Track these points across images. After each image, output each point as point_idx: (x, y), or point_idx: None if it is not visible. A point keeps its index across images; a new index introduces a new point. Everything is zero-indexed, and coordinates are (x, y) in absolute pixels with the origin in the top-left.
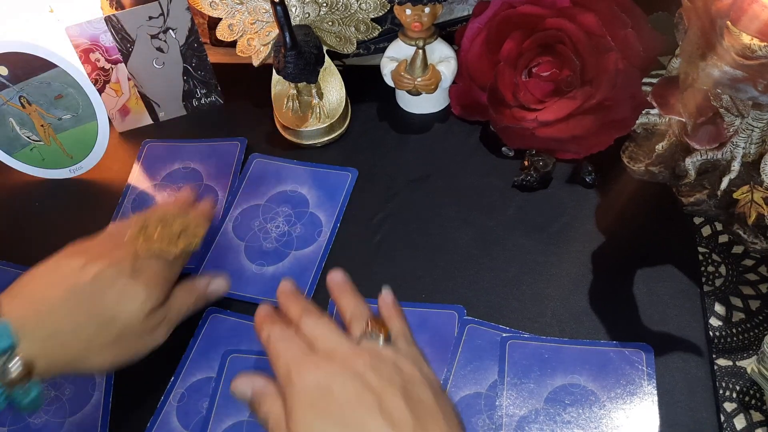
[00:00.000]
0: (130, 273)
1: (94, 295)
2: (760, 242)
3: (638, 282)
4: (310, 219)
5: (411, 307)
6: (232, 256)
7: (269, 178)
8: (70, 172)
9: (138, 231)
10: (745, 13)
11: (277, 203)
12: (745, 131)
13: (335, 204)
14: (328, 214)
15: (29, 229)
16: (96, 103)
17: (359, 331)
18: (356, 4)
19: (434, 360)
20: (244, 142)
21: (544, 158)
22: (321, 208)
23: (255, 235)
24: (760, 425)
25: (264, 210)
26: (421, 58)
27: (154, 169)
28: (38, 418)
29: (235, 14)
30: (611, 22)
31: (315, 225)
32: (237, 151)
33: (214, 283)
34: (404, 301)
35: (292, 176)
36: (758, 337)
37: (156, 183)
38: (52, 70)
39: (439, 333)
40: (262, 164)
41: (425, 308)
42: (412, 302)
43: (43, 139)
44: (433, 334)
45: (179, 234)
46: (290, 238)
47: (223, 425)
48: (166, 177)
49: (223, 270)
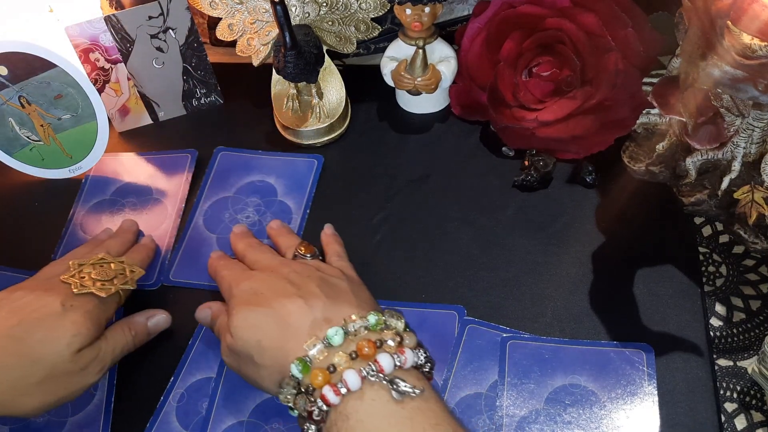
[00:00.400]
0: (59, 312)
1: (20, 338)
2: (760, 242)
3: (638, 282)
4: (280, 207)
5: (410, 307)
6: (205, 249)
7: (236, 170)
8: (69, 172)
9: (72, 274)
10: (745, 13)
11: (246, 194)
12: (745, 131)
13: (303, 191)
14: (297, 201)
15: (29, 230)
16: (96, 102)
17: (291, 253)
18: (356, 4)
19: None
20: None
21: (545, 158)
22: (289, 196)
23: (226, 226)
24: (760, 425)
25: (233, 201)
26: (421, 58)
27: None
28: (40, 417)
29: (234, 14)
30: (611, 21)
31: (285, 213)
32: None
33: (153, 319)
34: (404, 301)
35: (258, 167)
36: (759, 338)
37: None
38: (52, 70)
39: (439, 333)
40: (228, 157)
41: (425, 308)
42: (412, 302)
43: (43, 139)
44: (433, 334)
45: (114, 276)
46: (261, 227)
47: (223, 425)
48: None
49: (196, 263)
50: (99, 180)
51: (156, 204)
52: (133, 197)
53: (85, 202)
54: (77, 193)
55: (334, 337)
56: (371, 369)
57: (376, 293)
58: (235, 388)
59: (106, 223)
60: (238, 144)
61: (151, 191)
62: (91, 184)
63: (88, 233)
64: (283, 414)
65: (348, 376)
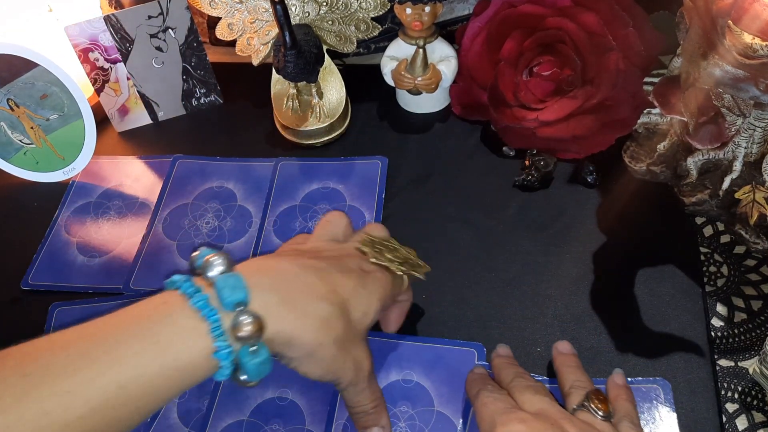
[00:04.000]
0: (360, 276)
1: (327, 282)
2: (762, 242)
3: (639, 282)
4: (240, 212)
5: (427, 342)
6: (165, 256)
7: (194, 177)
8: (63, 174)
9: (365, 243)
10: (746, 13)
11: (205, 200)
12: (746, 131)
13: (263, 195)
14: (257, 205)
15: (12, 231)
16: (79, 99)
17: (576, 402)
18: (356, 3)
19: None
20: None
21: (545, 158)
22: (249, 200)
23: (186, 233)
24: (762, 426)
25: (192, 208)
26: (422, 58)
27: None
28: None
29: (234, 13)
30: (612, 21)
31: (245, 217)
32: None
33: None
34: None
35: (217, 172)
36: (760, 338)
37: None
38: (35, 70)
39: (458, 372)
40: (186, 164)
41: (442, 344)
42: (429, 337)
43: (35, 141)
44: (452, 372)
45: (405, 261)
46: (221, 232)
47: (223, 423)
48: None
49: (157, 269)
50: (86, 183)
51: (142, 208)
52: (118, 200)
53: (71, 204)
54: (63, 195)
55: None
56: None
57: None
58: (235, 387)
59: (91, 226)
60: (237, 144)
61: (137, 195)
62: (78, 186)
63: (71, 235)
64: (283, 415)
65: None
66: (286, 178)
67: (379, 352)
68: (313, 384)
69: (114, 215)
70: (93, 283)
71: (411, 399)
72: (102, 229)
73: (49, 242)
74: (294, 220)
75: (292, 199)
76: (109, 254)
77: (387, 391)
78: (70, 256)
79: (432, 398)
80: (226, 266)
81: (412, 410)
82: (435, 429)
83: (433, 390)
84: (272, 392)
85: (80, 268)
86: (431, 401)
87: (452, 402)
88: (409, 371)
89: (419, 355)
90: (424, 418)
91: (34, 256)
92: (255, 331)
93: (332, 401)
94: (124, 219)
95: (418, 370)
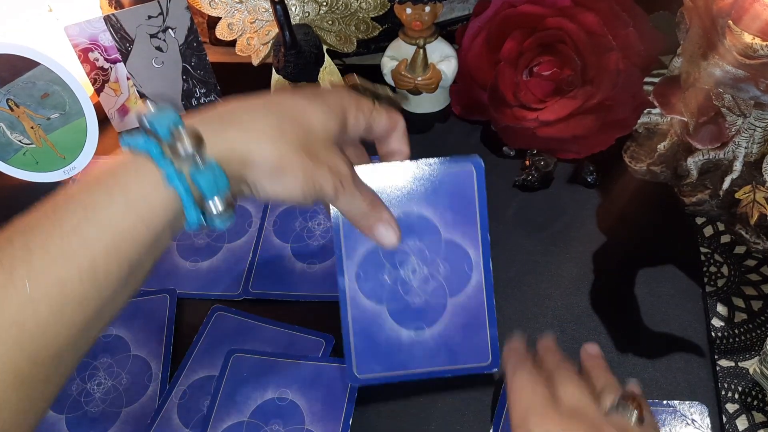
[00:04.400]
0: (323, 90)
1: (277, 96)
2: (762, 242)
3: (640, 282)
4: (240, 212)
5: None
6: (164, 255)
7: None
8: (64, 173)
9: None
10: (746, 13)
11: None
12: (747, 131)
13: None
14: (257, 205)
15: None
16: (82, 98)
17: (610, 402)
18: (356, 3)
19: None
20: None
21: (545, 158)
22: (249, 200)
23: (185, 233)
24: (762, 426)
25: None
26: (422, 58)
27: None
28: (95, 407)
29: (234, 13)
30: (612, 21)
31: (245, 217)
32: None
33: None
34: None
35: None
36: (760, 338)
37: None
38: (36, 69)
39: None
40: None
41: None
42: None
43: (35, 141)
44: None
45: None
46: (221, 232)
47: (224, 424)
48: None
49: (156, 269)
50: None
51: None
52: None
53: None
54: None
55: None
56: None
57: None
58: (236, 387)
59: None
60: None
61: None
62: None
63: None
64: (283, 415)
65: None
66: None
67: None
68: (313, 384)
69: None
70: None
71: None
72: None
73: None
74: (294, 220)
75: None
76: None
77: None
78: None
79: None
80: (160, 108)
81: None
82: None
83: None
84: (272, 392)
85: None
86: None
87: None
88: (285, 389)
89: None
90: None
91: None
92: (194, 143)
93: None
94: None
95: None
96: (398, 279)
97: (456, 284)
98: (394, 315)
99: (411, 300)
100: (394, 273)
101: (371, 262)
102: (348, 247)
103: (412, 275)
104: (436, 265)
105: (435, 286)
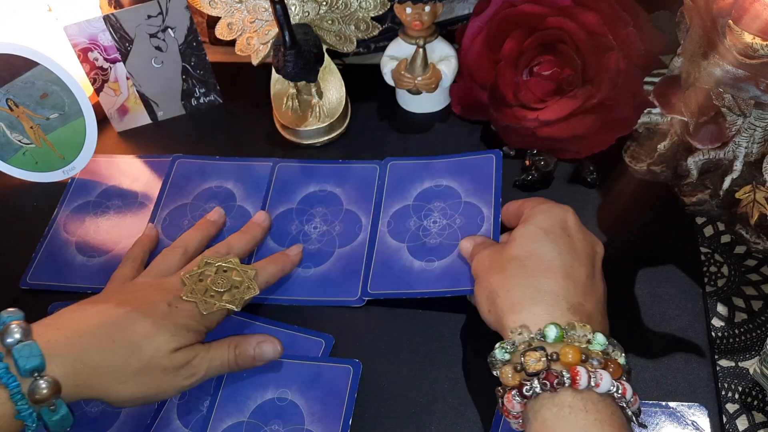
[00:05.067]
0: (165, 311)
1: (123, 327)
2: (762, 242)
3: (640, 282)
4: (239, 212)
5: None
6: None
7: (193, 177)
8: (63, 173)
9: (192, 273)
10: (746, 12)
11: (204, 200)
12: (747, 131)
13: (260, 194)
14: (256, 205)
15: (11, 229)
16: (81, 98)
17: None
18: (356, 3)
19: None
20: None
21: (546, 158)
22: (248, 200)
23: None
24: (762, 426)
25: (192, 208)
26: (422, 57)
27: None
28: (95, 406)
29: (234, 13)
30: (612, 21)
31: (244, 217)
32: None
33: (261, 347)
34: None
35: (216, 172)
36: (761, 338)
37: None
38: (35, 69)
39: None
40: (185, 164)
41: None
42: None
43: (34, 141)
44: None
45: (230, 288)
46: (220, 233)
47: (224, 425)
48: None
49: None
50: (85, 181)
51: (141, 208)
52: (118, 200)
53: (70, 203)
54: (62, 194)
55: (574, 332)
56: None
57: None
58: (236, 388)
59: (90, 225)
60: (237, 144)
61: (136, 195)
62: (77, 184)
63: (70, 234)
64: (282, 415)
65: (605, 377)
66: (284, 180)
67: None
68: (313, 384)
69: (113, 215)
70: (92, 282)
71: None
72: (101, 228)
73: (48, 241)
74: (290, 223)
75: (289, 202)
76: (108, 254)
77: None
78: (69, 255)
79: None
80: (22, 334)
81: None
82: None
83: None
84: (272, 392)
85: (79, 267)
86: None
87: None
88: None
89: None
90: None
91: (33, 255)
92: (51, 393)
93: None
94: (123, 218)
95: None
96: (421, 226)
97: (469, 231)
98: (411, 251)
99: (428, 241)
100: (417, 222)
101: (400, 214)
102: (386, 206)
103: (432, 225)
104: (454, 219)
105: (450, 231)
